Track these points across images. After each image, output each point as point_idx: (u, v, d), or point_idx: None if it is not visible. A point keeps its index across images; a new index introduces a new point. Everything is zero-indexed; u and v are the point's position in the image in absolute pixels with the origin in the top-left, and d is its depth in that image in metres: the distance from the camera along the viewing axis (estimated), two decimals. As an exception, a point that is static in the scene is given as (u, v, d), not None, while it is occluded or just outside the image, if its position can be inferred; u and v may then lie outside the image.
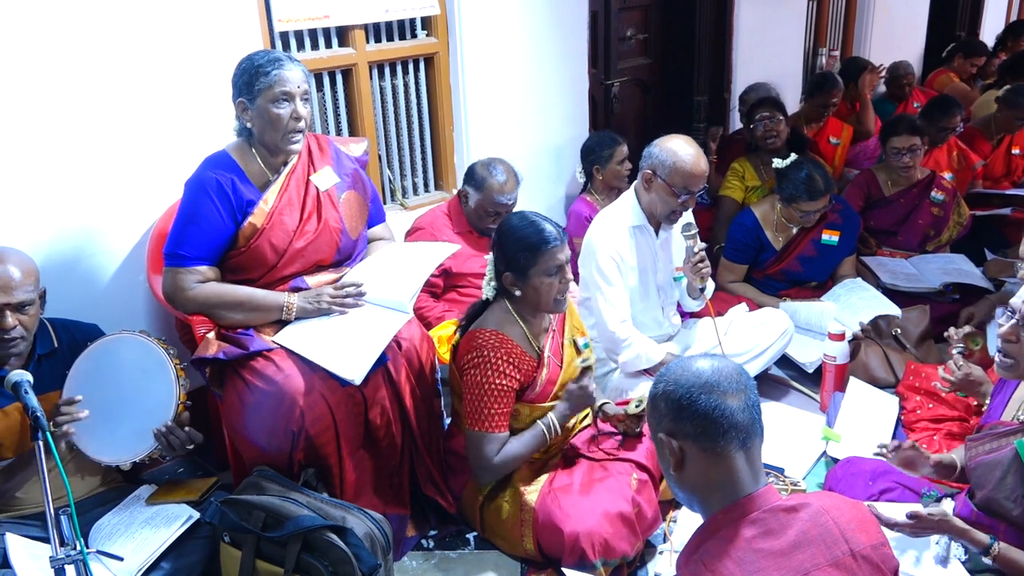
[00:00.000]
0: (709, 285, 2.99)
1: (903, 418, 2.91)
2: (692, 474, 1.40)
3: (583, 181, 3.93)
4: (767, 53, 5.27)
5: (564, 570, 2.23)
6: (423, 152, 3.74)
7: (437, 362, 2.64)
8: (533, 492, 2.38)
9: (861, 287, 3.64)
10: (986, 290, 3.74)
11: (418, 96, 3.64)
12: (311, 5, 3.11)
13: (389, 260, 2.60)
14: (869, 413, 2.92)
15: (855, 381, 3.10)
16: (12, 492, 2.13)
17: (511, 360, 2.36)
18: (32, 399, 1.76)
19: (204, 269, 2.35)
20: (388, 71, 3.51)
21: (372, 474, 2.45)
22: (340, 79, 3.36)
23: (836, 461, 2.69)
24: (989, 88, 5.86)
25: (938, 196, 3.98)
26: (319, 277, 2.48)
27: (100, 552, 1.98)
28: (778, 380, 3.39)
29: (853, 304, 3.52)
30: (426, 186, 3.80)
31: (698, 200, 3.00)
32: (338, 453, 2.34)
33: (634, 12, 4.74)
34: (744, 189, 4.24)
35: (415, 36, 3.56)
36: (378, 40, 3.45)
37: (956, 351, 2.56)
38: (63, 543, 1.55)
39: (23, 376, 1.83)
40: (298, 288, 2.43)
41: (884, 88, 6.12)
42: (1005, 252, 4.11)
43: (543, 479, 2.42)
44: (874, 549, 1.37)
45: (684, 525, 2.50)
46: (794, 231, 3.63)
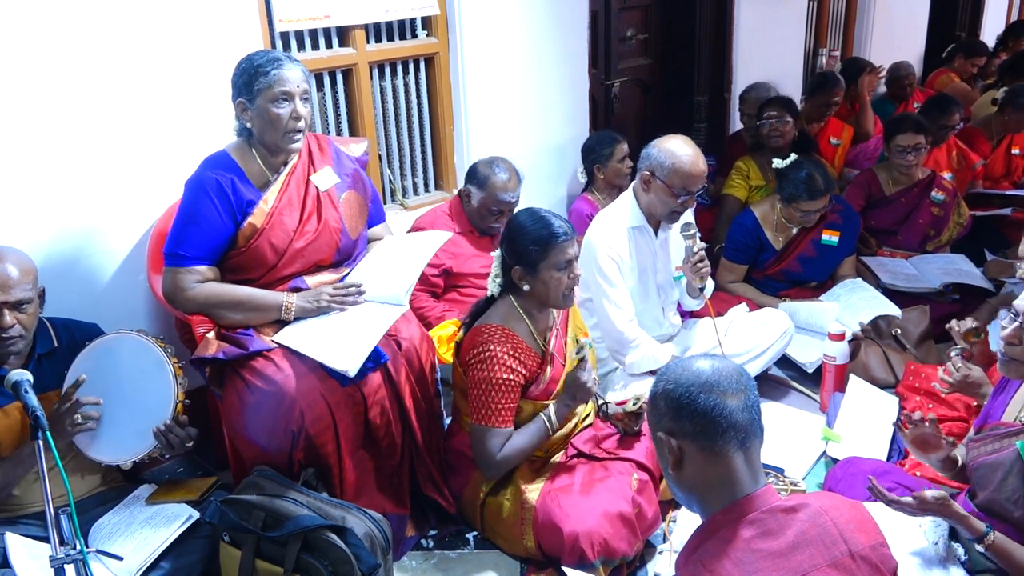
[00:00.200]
0: (709, 284, 2.99)
1: (903, 419, 2.90)
2: (691, 473, 1.40)
3: (584, 181, 3.93)
4: (767, 53, 5.27)
5: (564, 569, 2.23)
6: (423, 152, 3.74)
7: (437, 362, 2.64)
8: (534, 491, 2.38)
9: (861, 287, 3.63)
10: (986, 290, 3.74)
11: (418, 96, 3.64)
12: (311, 5, 3.11)
13: (385, 256, 2.60)
14: (869, 413, 2.92)
15: (855, 379, 3.10)
16: (7, 489, 2.12)
17: (516, 355, 2.36)
18: (32, 398, 1.75)
19: (204, 269, 2.35)
20: (388, 71, 3.51)
21: (372, 474, 2.45)
22: (340, 79, 3.36)
23: (836, 461, 2.69)
24: (989, 88, 5.86)
25: (939, 196, 3.98)
26: (319, 277, 2.48)
27: (100, 552, 1.98)
28: (778, 380, 3.39)
29: (853, 304, 3.52)
30: (426, 186, 3.80)
31: (697, 200, 3.01)
32: (338, 453, 2.34)
33: (634, 12, 4.74)
34: (748, 188, 4.24)
35: (415, 36, 3.56)
36: (378, 40, 3.45)
37: (955, 352, 2.56)
38: (63, 542, 1.54)
39: (23, 375, 1.82)
40: (298, 288, 2.43)
41: (884, 88, 6.12)
42: (1005, 252, 4.10)
43: (544, 478, 2.42)
44: (873, 549, 1.37)
45: (684, 525, 2.50)
46: (794, 231, 3.63)
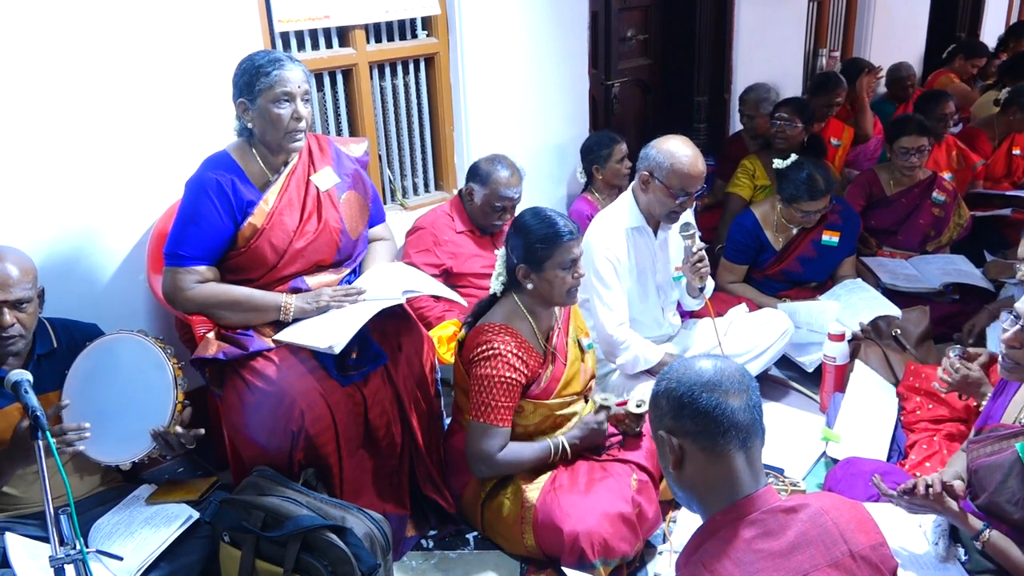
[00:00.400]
0: (709, 284, 2.99)
1: (903, 418, 2.91)
2: (691, 473, 1.40)
3: (584, 181, 3.93)
4: (767, 53, 5.27)
5: (564, 570, 2.23)
6: (423, 152, 3.74)
7: (437, 362, 2.64)
8: (535, 490, 2.38)
9: (861, 287, 3.63)
10: (986, 291, 3.74)
11: (418, 96, 3.64)
12: (311, 5, 3.11)
13: (390, 271, 2.61)
14: (869, 413, 2.92)
15: (860, 367, 3.08)
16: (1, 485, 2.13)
17: (519, 353, 2.36)
18: (32, 399, 1.75)
19: (203, 269, 2.35)
20: (388, 71, 3.51)
21: (372, 474, 2.45)
22: (340, 79, 3.36)
23: (836, 462, 2.69)
24: (989, 89, 5.86)
25: (939, 197, 3.98)
26: (319, 278, 2.48)
27: (100, 552, 1.98)
28: (778, 381, 3.39)
29: (853, 304, 3.52)
30: (426, 186, 3.80)
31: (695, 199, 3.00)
32: (338, 453, 2.34)
33: (634, 12, 4.73)
34: (753, 188, 4.23)
35: (415, 36, 3.56)
36: (378, 40, 3.45)
37: (954, 353, 2.56)
38: (63, 543, 1.54)
39: (23, 375, 1.82)
40: (298, 289, 2.43)
41: (885, 89, 6.12)
42: (1005, 253, 4.10)
43: (545, 478, 2.42)
44: (873, 550, 1.37)
45: (684, 525, 2.50)
46: (794, 231, 3.62)
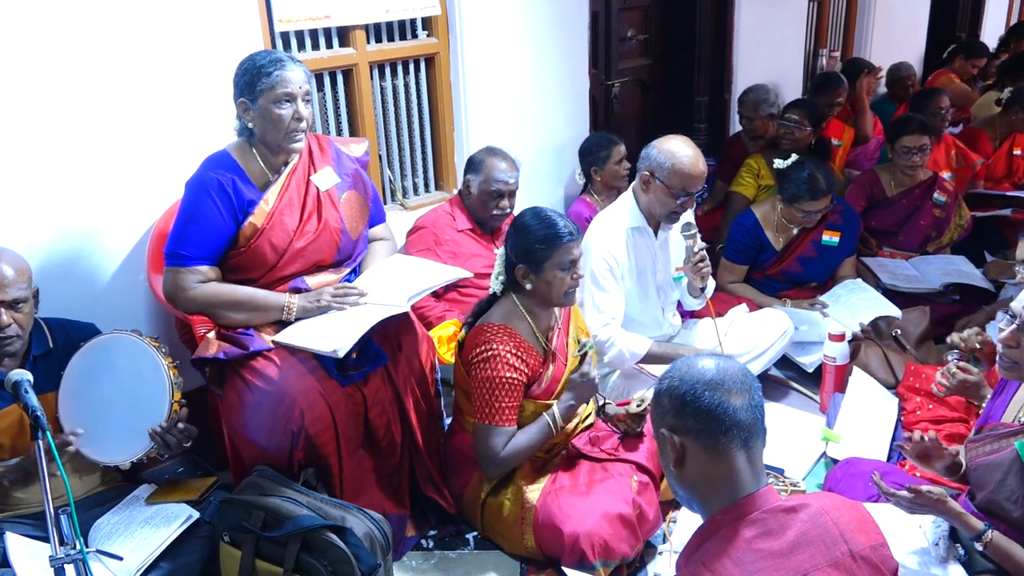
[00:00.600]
0: (710, 284, 2.99)
1: (903, 419, 2.91)
2: (692, 472, 1.40)
3: (582, 182, 3.93)
4: (767, 54, 5.27)
5: (564, 570, 2.23)
6: (423, 152, 3.74)
7: (437, 362, 2.64)
8: (535, 491, 2.38)
9: (861, 288, 3.63)
10: (986, 291, 3.74)
11: (419, 96, 3.64)
12: (312, 5, 3.11)
13: (393, 269, 2.60)
14: (869, 414, 2.92)
15: (858, 373, 3.09)
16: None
17: (519, 354, 2.36)
18: (32, 398, 1.75)
19: (205, 269, 2.35)
20: (389, 71, 3.51)
21: (372, 474, 2.45)
22: (340, 79, 3.36)
23: (836, 462, 2.69)
24: (989, 89, 5.86)
25: (940, 198, 3.98)
26: (319, 277, 2.48)
27: (100, 551, 1.98)
28: (778, 381, 3.39)
29: (853, 305, 3.52)
30: (426, 186, 3.80)
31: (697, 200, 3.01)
32: (338, 453, 2.34)
33: (634, 12, 4.73)
34: (757, 187, 4.23)
35: (415, 36, 3.56)
36: (379, 40, 3.45)
37: (952, 358, 2.56)
38: (63, 542, 1.54)
39: (23, 375, 1.82)
40: (298, 288, 2.43)
41: (885, 89, 6.12)
42: (1005, 254, 4.10)
43: (545, 478, 2.42)
44: (873, 550, 1.37)
45: (684, 526, 2.50)
46: (794, 232, 3.62)
